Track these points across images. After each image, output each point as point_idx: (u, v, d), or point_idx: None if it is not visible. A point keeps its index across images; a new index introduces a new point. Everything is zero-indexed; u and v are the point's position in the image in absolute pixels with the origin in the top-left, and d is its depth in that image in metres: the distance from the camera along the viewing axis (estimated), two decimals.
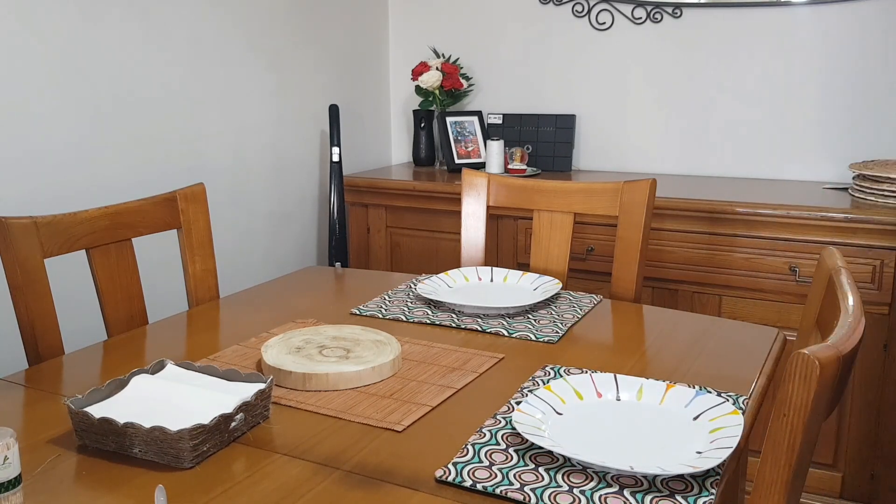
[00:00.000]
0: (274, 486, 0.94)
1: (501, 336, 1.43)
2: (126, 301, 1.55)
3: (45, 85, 1.90)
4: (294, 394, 1.19)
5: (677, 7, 2.67)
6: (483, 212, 1.88)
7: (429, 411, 1.13)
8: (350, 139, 2.93)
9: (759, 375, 1.25)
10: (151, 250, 1.72)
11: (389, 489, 0.94)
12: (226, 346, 1.40)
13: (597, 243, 2.38)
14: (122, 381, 1.13)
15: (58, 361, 1.37)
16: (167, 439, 0.97)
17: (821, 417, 0.82)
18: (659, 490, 0.92)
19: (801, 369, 0.75)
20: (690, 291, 2.31)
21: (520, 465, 0.97)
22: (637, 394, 1.14)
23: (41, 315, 1.39)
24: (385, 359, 1.25)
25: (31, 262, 1.39)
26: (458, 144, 2.94)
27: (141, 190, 2.03)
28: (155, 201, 1.64)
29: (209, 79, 2.34)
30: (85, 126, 1.99)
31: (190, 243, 1.67)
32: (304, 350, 1.29)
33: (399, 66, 3.15)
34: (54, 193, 1.92)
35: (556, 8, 2.86)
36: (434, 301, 1.59)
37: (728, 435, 1.00)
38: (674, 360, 1.33)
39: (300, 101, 2.71)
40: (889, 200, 2.12)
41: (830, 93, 2.46)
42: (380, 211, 2.77)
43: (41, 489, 0.94)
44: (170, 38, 2.20)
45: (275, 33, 2.57)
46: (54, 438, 1.05)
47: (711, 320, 1.53)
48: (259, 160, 2.53)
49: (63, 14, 1.92)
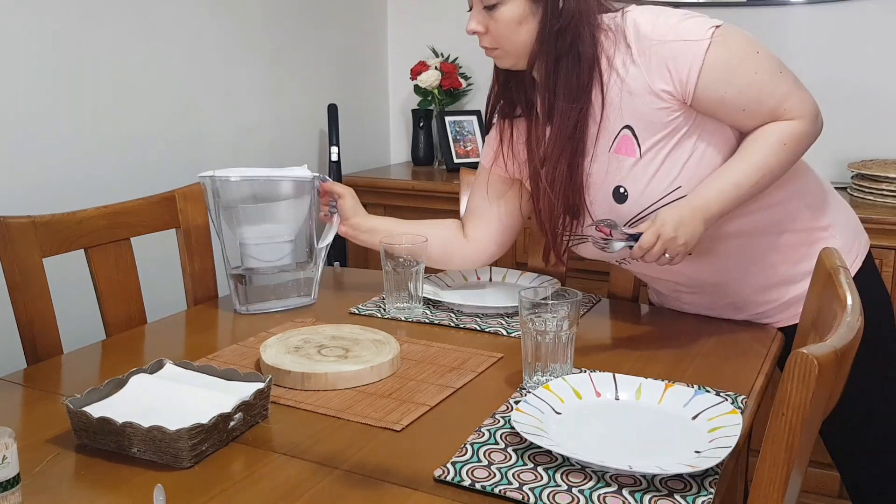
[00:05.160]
0: (273, 485, 0.94)
1: (500, 335, 1.43)
2: (125, 300, 1.55)
3: (44, 84, 1.90)
4: (293, 393, 1.19)
5: (677, 7, 2.66)
6: None
7: (427, 411, 1.13)
8: (349, 138, 2.93)
9: (758, 375, 1.25)
10: (150, 250, 1.72)
11: (388, 489, 0.93)
12: (224, 345, 1.40)
13: None
14: (121, 380, 1.13)
15: (56, 361, 1.36)
16: (166, 439, 0.97)
17: (819, 417, 0.82)
18: (658, 489, 0.92)
19: (799, 369, 0.75)
20: None
21: (518, 464, 0.97)
22: (636, 393, 1.14)
23: (40, 314, 1.39)
24: (384, 358, 1.25)
25: (30, 261, 1.38)
26: (456, 144, 2.94)
27: (139, 189, 2.03)
28: (154, 201, 1.64)
29: (208, 78, 2.33)
30: (83, 125, 1.99)
31: (189, 243, 1.67)
32: (302, 349, 1.29)
33: (398, 66, 3.15)
34: (53, 193, 1.91)
35: None
36: (433, 300, 1.58)
37: (727, 434, 1.00)
38: (672, 360, 1.33)
39: (299, 100, 2.71)
40: (888, 200, 2.12)
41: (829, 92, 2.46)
42: (379, 210, 2.77)
43: (40, 488, 0.94)
44: (168, 37, 2.20)
45: (274, 33, 2.57)
46: (53, 438, 1.05)
47: (710, 319, 1.53)
48: (258, 159, 2.53)
49: (61, 12, 1.92)
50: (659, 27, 1.30)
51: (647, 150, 1.32)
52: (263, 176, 1.55)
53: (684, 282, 1.49)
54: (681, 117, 1.31)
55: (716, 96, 1.28)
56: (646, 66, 1.29)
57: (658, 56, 1.28)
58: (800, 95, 1.32)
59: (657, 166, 1.32)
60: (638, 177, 1.33)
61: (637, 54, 1.30)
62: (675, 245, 1.26)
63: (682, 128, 1.32)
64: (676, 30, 1.29)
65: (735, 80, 1.28)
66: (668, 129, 1.31)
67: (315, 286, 1.62)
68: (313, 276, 1.62)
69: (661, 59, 1.28)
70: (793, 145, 1.32)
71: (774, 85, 1.30)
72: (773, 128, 1.31)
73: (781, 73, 1.31)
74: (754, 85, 1.29)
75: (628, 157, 1.33)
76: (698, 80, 1.27)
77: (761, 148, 1.31)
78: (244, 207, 1.54)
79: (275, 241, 1.56)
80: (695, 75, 1.27)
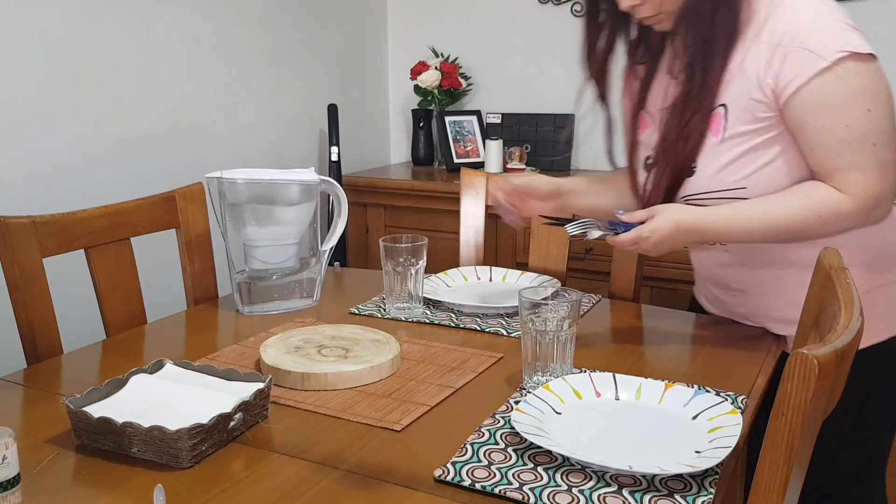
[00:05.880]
0: (273, 485, 0.94)
1: (500, 335, 1.43)
2: (125, 300, 1.55)
3: (44, 84, 1.90)
4: (293, 393, 1.19)
5: None
6: (482, 211, 1.88)
7: (427, 411, 1.13)
8: (349, 139, 2.93)
9: (758, 375, 1.25)
10: (150, 250, 1.72)
11: (388, 488, 0.93)
12: (224, 345, 1.40)
13: (596, 243, 2.38)
14: (121, 380, 1.13)
15: (56, 361, 1.36)
16: (166, 439, 0.97)
17: (820, 417, 0.82)
18: (658, 489, 0.92)
19: (799, 369, 0.75)
20: (689, 291, 2.31)
21: (518, 464, 0.97)
22: (636, 393, 1.14)
23: (40, 314, 1.39)
24: (384, 358, 1.25)
25: (30, 261, 1.38)
26: (456, 144, 2.94)
27: (139, 189, 2.03)
28: (154, 201, 1.64)
29: (208, 78, 2.34)
30: (83, 125, 1.99)
31: (189, 243, 1.67)
32: (302, 349, 1.29)
33: (398, 66, 3.15)
34: (53, 193, 1.91)
35: (554, 7, 2.86)
36: (433, 300, 1.59)
37: (727, 434, 1.00)
38: (672, 360, 1.33)
39: (299, 100, 2.71)
40: None
41: None
42: (378, 210, 2.77)
43: (40, 488, 0.93)
44: (168, 37, 2.20)
45: (274, 33, 2.57)
46: (53, 438, 1.05)
47: (710, 319, 1.53)
48: (258, 159, 2.53)
49: (61, 12, 1.92)
50: (798, 21, 1.20)
51: (730, 137, 1.26)
52: (271, 179, 1.55)
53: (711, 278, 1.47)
54: (773, 119, 1.23)
55: (799, 120, 1.21)
56: (767, 53, 1.21)
57: (780, 50, 1.20)
58: (873, 179, 1.20)
59: (733, 157, 1.26)
60: (711, 159, 1.28)
61: (767, 35, 1.21)
62: (647, 250, 1.27)
63: (771, 131, 1.24)
64: (808, 33, 1.18)
65: (823, 116, 1.19)
66: (757, 124, 1.24)
67: (318, 288, 1.62)
68: (316, 277, 1.62)
69: (781, 54, 1.19)
70: (829, 221, 1.21)
71: (854, 150, 1.18)
72: (819, 192, 1.22)
73: (874, 146, 1.18)
74: (836, 135, 1.19)
75: (711, 135, 1.28)
76: (793, 96, 1.19)
77: (795, 207, 1.22)
78: (251, 210, 1.53)
79: (280, 244, 1.56)
80: (792, 89, 1.19)
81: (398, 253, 1.50)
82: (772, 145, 1.25)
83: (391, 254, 1.51)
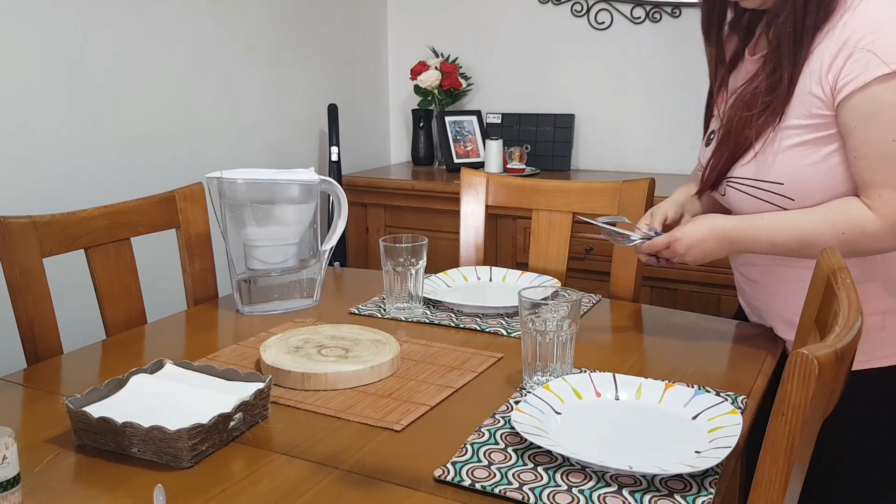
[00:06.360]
0: (273, 485, 0.94)
1: (500, 335, 1.43)
2: (125, 300, 1.55)
3: (44, 84, 1.90)
4: (293, 393, 1.19)
5: (676, 7, 2.67)
6: (482, 211, 1.88)
7: (427, 411, 1.13)
8: (349, 139, 2.93)
9: (758, 375, 1.25)
10: (150, 250, 1.72)
11: (388, 489, 0.93)
12: (224, 345, 1.40)
13: (596, 243, 2.39)
14: (121, 380, 1.13)
15: (56, 361, 1.36)
16: (166, 439, 0.97)
17: (820, 417, 0.82)
18: (658, 489, 0.92)
19: (799, 369, 0.75)
20: (689, 291, 2.31)
21: (518, 464, 0.97)
22: (636, 393, 1.14)
23: (40, 314, 1.39)
24: (384, 358, 1.25)
25: (30, 261, 1.39)
26: (456, 144, 2.94)
27: (139, 189, 2.03)
28: (154, 201, 1.64)
29: (208, 78, 2.34)
30: (83, 125, 1.99)
31: (189, 243, 1.67)
32: (302, 349, 1.29)
33: (398, 66, 3.15)
34: (53, 193, 1.91)
35: (554, 7, 2.86)
36: (433, 300, 1.58)
37: (727, 434, 1.00)
38: (672, 360, 1.33)
39: (299, 100, 2.71)
40: None
41: None
42: (379, 210, 2.77)
43: (40, 488, 0.94)
44: (168, 37, 2.20)
45: (274, 33, 2.57)
46: (53, 438, 1.05)
47: (710, 319, 1.53)
48: (258, 159, 2.53)
49: (62, 13, 1.92)
50: (871, 22, 1.16)
51: (785, 128, 1.23)
52: (271, 179, 1.55)
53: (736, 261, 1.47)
54: (828, 119, 1.20)
55: (849, 125, 1.18)
56: (834, 48, 1.18)
57: (847, 48, 1.16)
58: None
59: (783, 149, 1.24)
60: (765, 145, 1.26)
61: (839, 30, 1.18)
62: (680, 254, 1.29)
63: (824, 130, 1.21)
64: (878, 36, 1.14)
65: (871, 127, 1.15)
66: (811, 120, 1.21)
67: (318, 288, 1.62)
68: (316, 277, 1.62)
69: (846, 52, 1.16)
70: (853, 239, 1.19)
71: (894, 167, 1.15)
72: (847, 209, 1.20)
73: None
74: (879, 149, 1.15)
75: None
76: (847, 98, 1.16)
77: (821, 223, 1.21)
78: (251, 210, 1.54)
79: (280, 244, 1.56)
80: (848, 91, 1.16)
81: (398, 253, 1.51)
82: (823, 146, 1.22)
83: (391, 254, 1.51)
